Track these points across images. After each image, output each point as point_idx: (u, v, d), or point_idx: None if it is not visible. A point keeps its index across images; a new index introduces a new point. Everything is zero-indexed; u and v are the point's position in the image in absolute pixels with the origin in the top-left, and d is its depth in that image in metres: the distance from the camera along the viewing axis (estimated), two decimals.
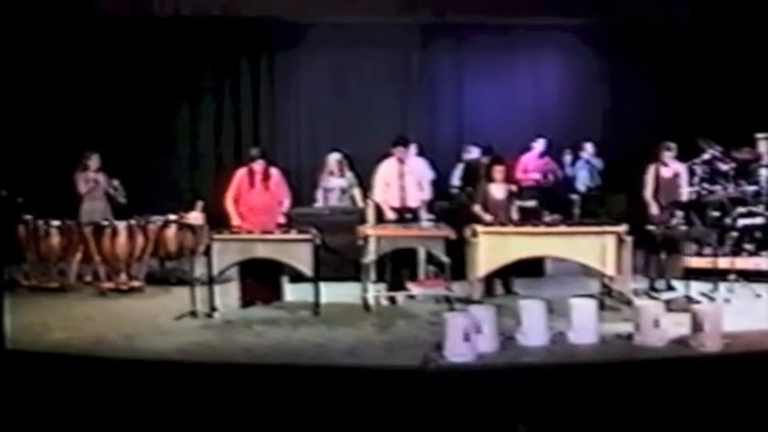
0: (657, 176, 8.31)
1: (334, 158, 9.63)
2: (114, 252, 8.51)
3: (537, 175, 11.00)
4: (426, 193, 8.70)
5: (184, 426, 4.84)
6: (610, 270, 7.32)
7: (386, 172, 8.32)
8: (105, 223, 8.68)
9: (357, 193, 9.49)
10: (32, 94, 10.18)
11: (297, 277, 7.91)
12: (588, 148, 11.22)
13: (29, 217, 8.66)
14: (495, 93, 12.03)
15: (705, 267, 8.01)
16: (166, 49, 11.20)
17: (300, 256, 7.42)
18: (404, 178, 8.25)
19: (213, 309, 7.36)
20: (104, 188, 9.27)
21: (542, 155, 11.19)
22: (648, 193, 8.30)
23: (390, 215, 8.19)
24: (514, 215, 8.13)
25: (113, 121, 10.80)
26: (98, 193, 9.27)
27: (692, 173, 9.02)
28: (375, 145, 9.30)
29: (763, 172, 8.89)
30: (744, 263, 8.27)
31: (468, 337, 5.80)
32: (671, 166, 8.34)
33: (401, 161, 8.27)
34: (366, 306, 7.54)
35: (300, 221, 8.32)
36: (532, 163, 11.10)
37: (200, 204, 9.08)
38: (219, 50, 11.61)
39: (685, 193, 8.37)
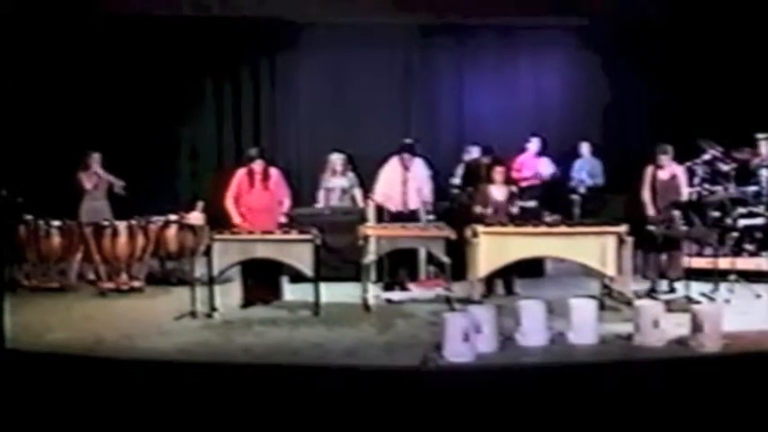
0: (654, 178, 8.32)
1: (336, 158, 9.61)
2: (115, 252, 8.52)
3: (528, 173, 10.75)
4: (426, 196, 8.66)
5: (184, 426, 4.83)
6: (610, 270, 7.32)
7: (389, 175, 8.37)
8: (106, 223, 8.69)
9: (358, 193, 9.49)
10: (33, 94, 10.17)
11: (297, 277, 7.92)
12: (585, 148, 11.19)
13: (29, 217, 8.67)
14: (495, 93, 12.00)
15: (705, 268, 8.01)
16: (167, 48, 11.20)
17: (301, 256, 7.43)
18: (407, 184, 8.32)
19: (213, 309, 7.37)
20: (106, 187, 9.28)
21: (538, 155, 10.98)
22: (646, 195, 8.32)
23: (392, 208, 8.31)
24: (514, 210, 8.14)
25: (114, 121, 10.79)
26: (99, 193, 9.29)
27: (692, 173, 9.01)
28: (375, 145, 9.27)
29: (763, 172, 8.88)
30: (744, 263, 8.28)
31: (467, 338, 5.81)
32: (667, 168, 8.34)
33: (406, 168, 8.32)
34: (366, 306, 7.55)
35: (301, 221, 8.33)
36: (528, 163, 10.95)
37: (200, 205, 9.09)
38: (220, 50, 11.59)
39: (685, 194, 8.36)
